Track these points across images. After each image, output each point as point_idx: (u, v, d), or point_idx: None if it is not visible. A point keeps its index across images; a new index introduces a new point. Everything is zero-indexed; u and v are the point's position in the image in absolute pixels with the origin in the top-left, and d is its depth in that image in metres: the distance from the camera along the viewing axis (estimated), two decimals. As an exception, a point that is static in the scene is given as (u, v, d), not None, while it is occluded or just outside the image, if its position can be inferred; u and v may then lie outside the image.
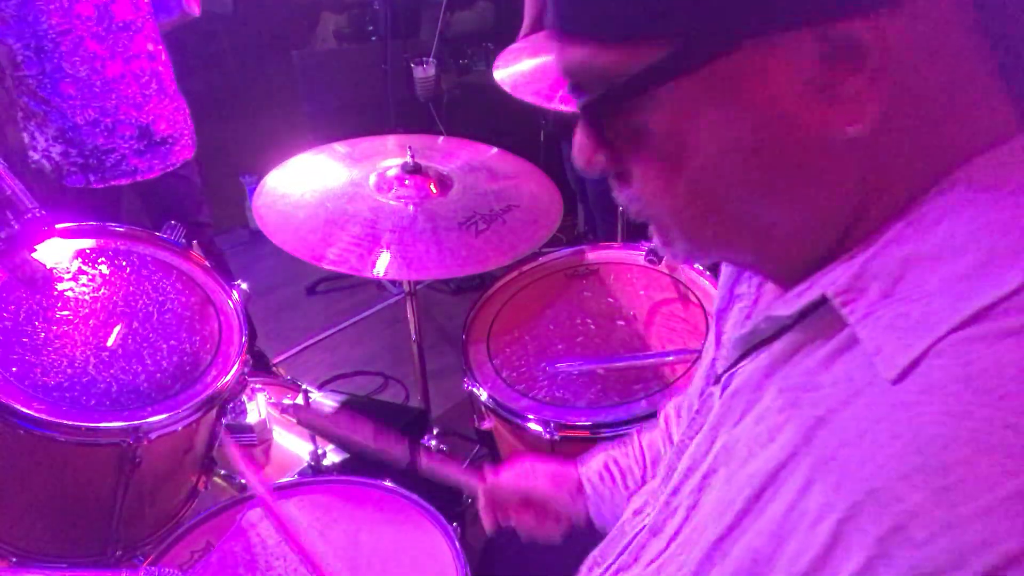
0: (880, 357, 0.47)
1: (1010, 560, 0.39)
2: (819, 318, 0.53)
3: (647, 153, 0.54)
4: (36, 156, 2.29)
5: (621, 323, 1.63)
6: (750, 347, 0.60)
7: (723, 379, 0.64)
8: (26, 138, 2.31)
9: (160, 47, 2.34)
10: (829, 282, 0.51)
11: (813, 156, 0.49)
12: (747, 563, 0.53)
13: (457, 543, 1.25)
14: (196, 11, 2.48)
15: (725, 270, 0.74)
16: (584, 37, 0.51)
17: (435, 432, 1.86)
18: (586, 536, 0.84)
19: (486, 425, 1.58)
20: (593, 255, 1.82)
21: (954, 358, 0.44)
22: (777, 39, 0.46)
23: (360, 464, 1.74)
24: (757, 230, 0.54)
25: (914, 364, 0.45)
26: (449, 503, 1.46)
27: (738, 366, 0.62)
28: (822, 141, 0.48)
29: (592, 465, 1.05)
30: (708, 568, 0.58)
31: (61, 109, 2.21)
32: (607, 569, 0.77)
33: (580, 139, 0.57)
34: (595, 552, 0.83)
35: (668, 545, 0.67)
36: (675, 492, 0.68)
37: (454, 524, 1.30)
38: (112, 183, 2.33)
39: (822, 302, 0.52)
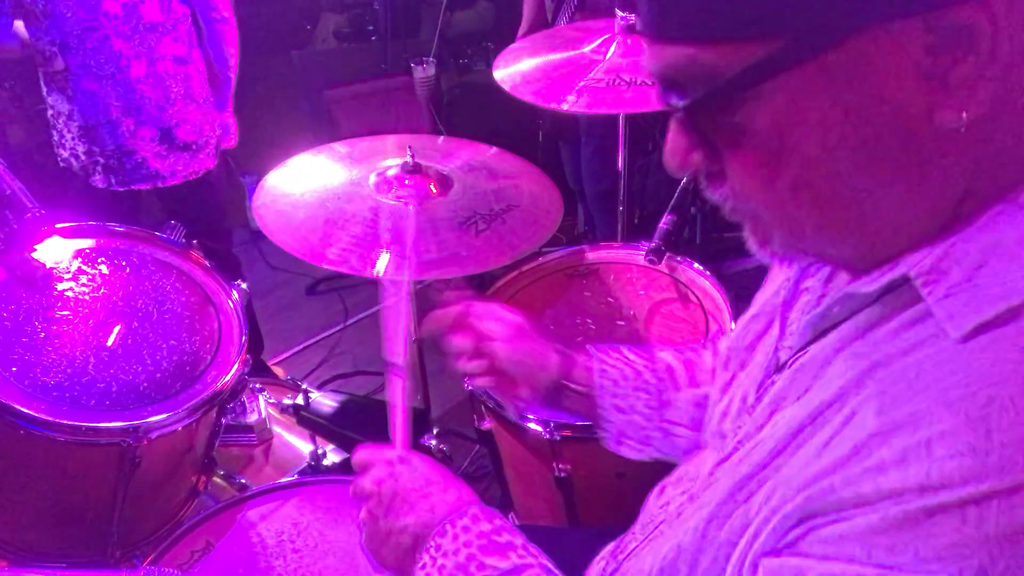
0: (951, 322, 0.49)
1: (1017, 488, 0.42)
2: (896, 298, 0.54)
3: (748, 150, 0.53)
4: (64, 154, 2.30)
5: (621, 323, 1.63)
6: (821, 330, 0.62)
7: (789, 363, 0.65)
8: (55, 136, 2.31)
9: (194, 52, 2.33)
10: (913, 263, 0.52)
11: (923, 145, 0.49)
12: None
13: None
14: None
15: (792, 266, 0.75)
16: (685, 38, 0.51)
17: (435, 432, 1.85)
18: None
19: (486, 425, 1.58)
20: (593, 255, 1.82)
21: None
22: (884, 30, 0.46)
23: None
24: (864, 222, 0.53)
25: (984, 327, 0.47)
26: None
27: (806, 349, 0.63)
28: (933, 130, 0.49)
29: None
30: (729, 504, 0.61)
31: (84, 106, 2.21)
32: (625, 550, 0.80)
33: (674, 139, 0.57)
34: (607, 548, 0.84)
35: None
36: (720, 463, 0.69)
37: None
38: (133, 187, 2.33)
39: (902, 282, 0.53)
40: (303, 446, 1.78)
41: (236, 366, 1.42)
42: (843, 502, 0.49)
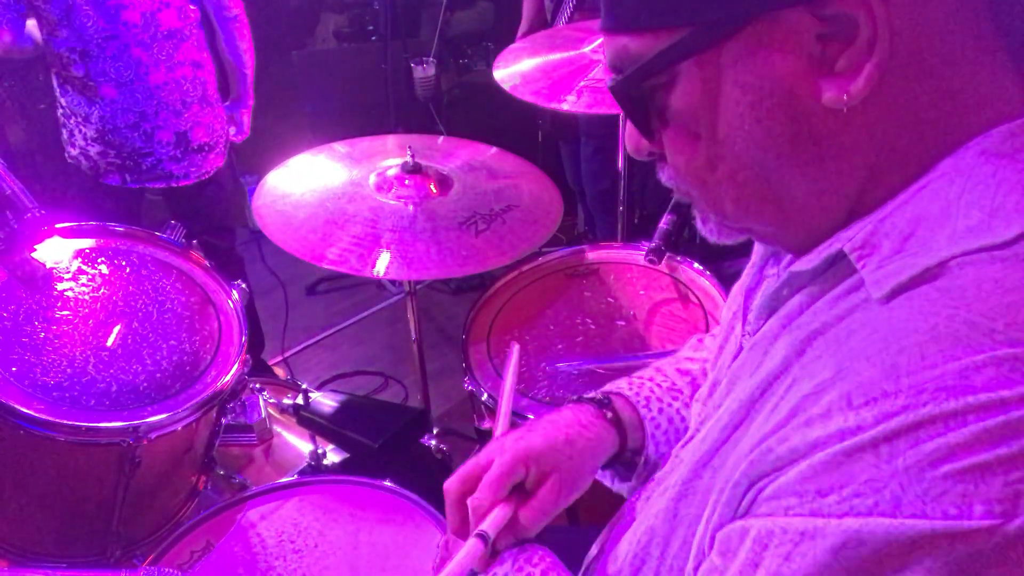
0: (875, 287, 0.53)
1: (930, 421, 0.45)
2: (835, 272, 0.58)
3: (673, 130, 0.61)
4: (74, 152, 2.31)
5: (621, 323, 1.63)
6: (773, 311, 0.65)
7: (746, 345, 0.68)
8: (64, 134, 2.32)
9: (206, 55, 2.35)
10: (847, 237, 0.56)
11: (817, 126, 0.54)
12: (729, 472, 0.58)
13: (457, 543, 1.25)
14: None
15: (757, 249, 0.77)
16: (621, 30, 0.60)
17: (435, 432, 1.86)
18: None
19: (486, 425, 1.58)
20: (593, 255, 1.82)
21: (941, 279, 0.50)
22: (778, 18, 0.52)
23: (360, 464, 1.75)
24: (775, 196, 0.58)
25: (903, 288, 0.51)
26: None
27: (761, 330, 0.66)
28: (824, 111, 0.53)
29: (618, 388, 0.98)
30: (695, 480, 0.64)
31: (103, 111, 2.22)
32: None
33: (628, 126, 0.64)
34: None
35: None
36: (684, 445, 0.71)
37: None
38: (147, 184, 2.34)
39: (840, 257, 0.57)
40: (303, 446, 1.78)
41: (236, 366, 1.42)
42: (780, 459, 0.52)
